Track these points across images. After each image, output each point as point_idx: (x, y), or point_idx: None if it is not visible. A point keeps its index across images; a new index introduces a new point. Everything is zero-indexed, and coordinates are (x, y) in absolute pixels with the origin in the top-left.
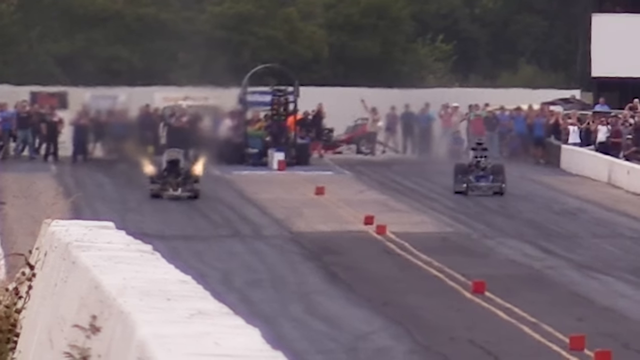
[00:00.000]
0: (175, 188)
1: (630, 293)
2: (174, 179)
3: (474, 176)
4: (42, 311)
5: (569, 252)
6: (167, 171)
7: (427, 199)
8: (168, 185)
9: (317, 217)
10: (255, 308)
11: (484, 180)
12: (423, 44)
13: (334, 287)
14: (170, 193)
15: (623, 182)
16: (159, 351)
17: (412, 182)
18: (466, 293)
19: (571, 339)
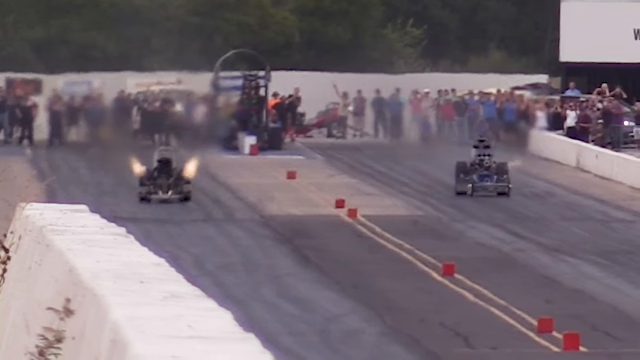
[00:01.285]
0: (166, 190)
1: (598, 275)
2: (165, 181)
3: (478, 176)
4: (16, 294)
5: (538, 235)
6: (158, 172)
7: (398, 183)
8: (158, 187)
9: (289, 201)
10: (227, 291)
11: (489, 180)
12: (393, 29)
13: (306, 270)
14: (159, 196)
15: (591, 166)
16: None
17: (384, 166)
18: (436, 276)
19: (540, 321)
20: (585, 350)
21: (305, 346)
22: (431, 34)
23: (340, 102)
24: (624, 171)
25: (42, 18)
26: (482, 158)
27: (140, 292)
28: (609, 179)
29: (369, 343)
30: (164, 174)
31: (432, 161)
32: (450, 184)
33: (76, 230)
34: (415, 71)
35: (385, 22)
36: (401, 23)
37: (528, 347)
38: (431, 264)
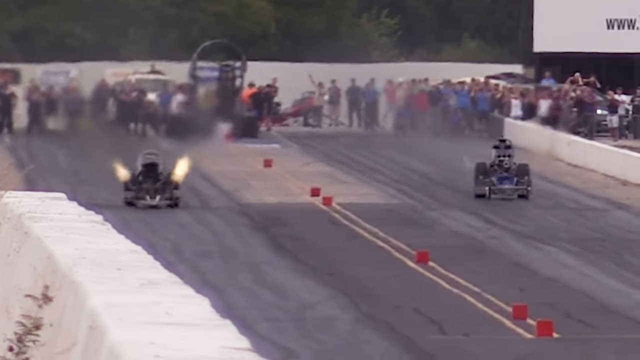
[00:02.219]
0: (153, 195)
1: (572, 263)
2: (151, 185)
3: (497, 177)
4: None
5: (511, 223)
6: (143, 176)
7: (372, 171)
8: (144, 192)
9: (265, 189)
10: (204, 278)
11: (508, 182)
12: (368, 19)
13: (281, 257)
14: (146, 202)
15: (564, 154)
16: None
17: (358, 154)
18: (410, 263)
19: (514, 308)
20: (559, 337)
21: (280, 332)
22: (405, 24)
23: (316, 91)
24: (597, 159)
25: (20, 7)
26: (501, 159)
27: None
28: (581, 167)
29: (344, 329)
30: (150, 178)
31: (406, 150)
32: (425, 171)
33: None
34: (390, 60)
35: (360, 12)
36: (376, 13)
37: (502, 334)
38: (405, 252)
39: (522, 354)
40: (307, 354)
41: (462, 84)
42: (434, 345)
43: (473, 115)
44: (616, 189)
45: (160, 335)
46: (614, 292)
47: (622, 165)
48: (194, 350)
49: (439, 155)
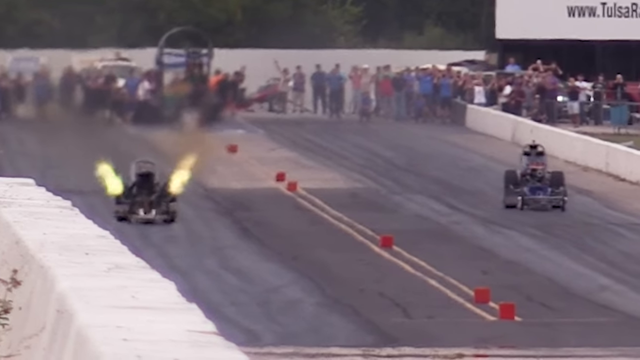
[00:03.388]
0: (148, 209)
1: (533, 247)
2: (146, 198)
3: (529, 187)
4: None
5: (474, 207)
6: (138, 187)
7: (337, 157)
8: (138, 205)
9: (230, 175)
10: (170, 262)
11: (542, 193)
12: (333, 6)
13: (247, 242)
14: (141, 216)
15: (527, 140)
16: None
17: (323, 140)
18: (375, 247)
19: (476, 292)
20: (521, 320)
21: (246, 316)
22: (369, 12)
23: (281, 78)
24: (558, 145)
25: None
26: (534, 167)
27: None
28: None
29: (309, 313)
30: (145, 189)
31: (371, 135)
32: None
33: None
34: (355, 48)
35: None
36: (340, 1)
37: (465, 317)
38: (370, 236)
39: (484, 337)
40: (271, 337)
41: (425, 71)
42: (398, 328)
43: (436, 102)
44: (577, 175)
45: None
46: (575, 276)
47: (583, 151)
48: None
49: (403, 141)
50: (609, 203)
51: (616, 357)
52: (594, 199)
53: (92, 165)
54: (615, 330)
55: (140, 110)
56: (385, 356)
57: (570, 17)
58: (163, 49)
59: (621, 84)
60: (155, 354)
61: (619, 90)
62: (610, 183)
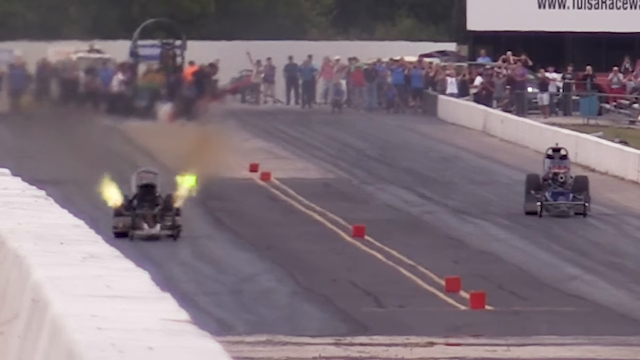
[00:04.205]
0: (151, 224)
1: (504, 237)
2: (149, 211)
3: (551, 192)
4: None
5: (445, 197)
6: (139, 200)
7: (310, 147)
8: (140, 219)
9: (204, 165)
10: (144, 252)
11: (563, 198)
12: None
13: (220, 231)
14: (143, 232)
15: (497, 130)
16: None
17: (296, 130)
18: (347, 237)
19: (447, 281)
20: (491, 309)
21: (219, 305)
22: (341, 3)
23: (253, 69)
24: (529, 135)
25: None
26: (556, 171)
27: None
28: (514, 143)
29: (282, 302)
30: (147, 202)
31: (343, 126)
32: (361, 147)
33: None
34: (327, 39)
35: None
36: None
37: (436, 306)
38: (342, 226)
39: (455, 325)
40: (244, 326)
41: (397, 62)
42: (370, 317)
43: (407, 93)
44: None
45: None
46: (545, 265)
47: (553, 142)
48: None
49: (375, 131)
50: None
51: (586, 346)
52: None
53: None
54: (585, 319)
55: (114, 101)
56: (358, 344)
57: (541, 9)
58: (137, 40)
59: (591, 75)
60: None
61: (589, 81)
62: (580, 173)
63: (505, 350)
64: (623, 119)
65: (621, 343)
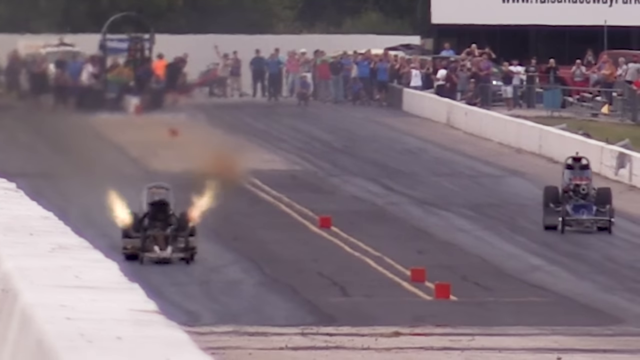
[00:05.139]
0: (163, 245)
1: (468, 228)
2: (160, 232)
3: (572, 206)
4: None
5: (410, 189)
6: (150, 219)
7: (276, 139)
8: (151, 241)
9: (172, 157)
10: (113, 243)
11: (586, 212)
12: None
13: None
14: (154, 254)
15: (461, 123)
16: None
17: (262, 123)
18: (313, 228)
19: (412, 271)
20: (455, 299)
21: (186, 296)
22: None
23: (221, 63)
24: (492, 128)
25: None
26: (577, 183)
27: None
28: (477, 136)
29: (249, 292)
30: (159, 221)
31: (309, 118)
32: (327, 139)
33: None
34: (293, 33)
35: None
36: None
37: (401, 296)
38: (308, 217)
39: (421, 315)
40: (211, 317)
41: (363, 55)
42: (336, 306)
43: (373, 85)
44: (511, 157)
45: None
46: (508, 256)
47: (517, 134)
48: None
49: (341, 124)
50: (542, 184)
51: (548, 336)
52: (527, 181)
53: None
54: (547, 310)
55: (83, 94)
56: (324, 334)
57: (504, 3)
58: (106, 34)
59: (554, 68)
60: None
61: (552, 74)
62: (543, 165)
63: (469, 340)
64: (586, 112)
65: (584, 333)
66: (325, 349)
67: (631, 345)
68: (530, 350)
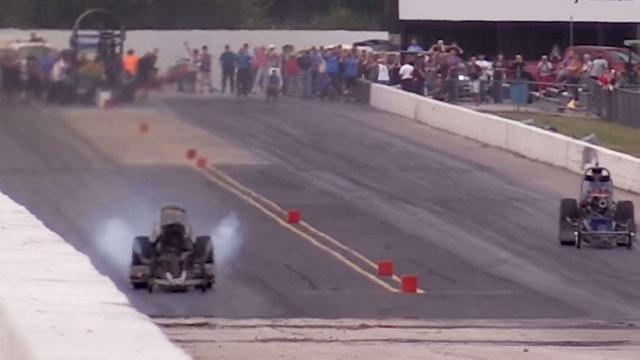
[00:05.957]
0: (177, 272)
1: (435, 222)
2: (175, 257)
3: (590, 220)
4: None
5: (378, 183)
6: (163, 243)
7: (245, 134)
8: (164, 267)
9: (142, 152)
10: (84, 236)
11: (605, 227)
12: None
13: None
14: (168, 282)
15: (428, 118)
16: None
17: (232, 118)
18: (282, 222)
19: (380, 265)
20: (423, 292)
21: (157, 290)
22: None
23: (190, 58)
24: (460, 123)
25: None
26: (596, 195)
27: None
28: (445, 130)
29: (219, 286)
30: (173, 246)
31: (278, 113)
32: (295, 134)
33: None
34: (263, 28)
35: None
36: None
37: (369, 289)
38: (277, 211)
39: (388, 308)
40: (181, 309)
41: (331, 50)
42: (305, 299)
43: (341, 81)
44: (478, 151)
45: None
46: (475, 250)
47: (484, 129)
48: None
49: (309, 119)
50: (509, 179)
51: (515, 329)
52: (494, 175)
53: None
54: (514, 302)
55: (55, 89)
56: (293, 327)
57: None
58: (77, 30)
59: (520, 64)
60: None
61: (519, 69)
62: (510, 159)
63: (436, 332)
64: (552, 107)
65: (550, 326)
66: (294, 341)
67: (597, 337)
68: (497, 343)
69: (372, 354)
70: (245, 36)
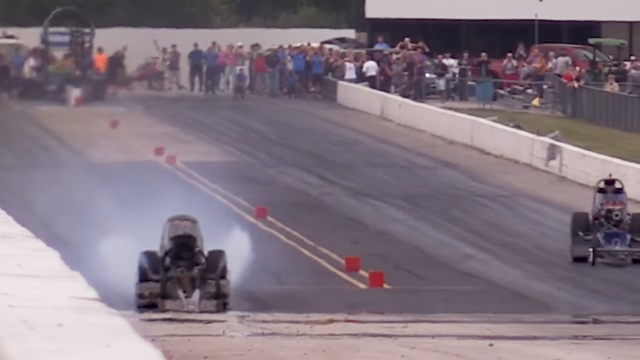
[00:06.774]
0: (189, 289)
1: (401, 217)
2: (186, 274)
3: (603, 234)
4: None
5: (345, 179)
6: (173, 257)
7: (214, 131)
8: (174, 285)
9: (112, 148)
10: (55, 232)
11: (619, 242)
12: None
13: (129, 212)
14: (179, 303)
15: (394, 115)
16: None
17: (200, 115)
18: (250, 218)
19: (347, 260)
20: (389, 287)
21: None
22: None
23: (159, 57)
24: (426, 120)
25: None
26: (610, 208)
27: None
28: (411, 127)
29: None
30: (184, 260)
31: (245, 111)
32: (263, 131)
33: None
34: (230, 27)
35: None
36: None
37: (336, 284)
38: (245, 207)
39: (355, 303)
40: None
41: (298, 48)
42: (272, 294)
43: (308, 78)
44: (444, 148)
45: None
46: (441, 245)
47: (450, 126)
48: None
49: (277, 116)
50: (474, 175)
51: (480, 323)
52: (460, 172)
53: None
54: (479, 297)
55: (26, 86)
56: (260, 321)
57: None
58: (48, 28)
59: (486, 62)
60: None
61: (484, 67)
62: (475, 156)
63: (403, 327)
64: (517, 104)
65: (515, 320)
66: (261, 335)
67: (561, 332)
68: (462, 337)
69: (339, 348)
70: (214, 34)
